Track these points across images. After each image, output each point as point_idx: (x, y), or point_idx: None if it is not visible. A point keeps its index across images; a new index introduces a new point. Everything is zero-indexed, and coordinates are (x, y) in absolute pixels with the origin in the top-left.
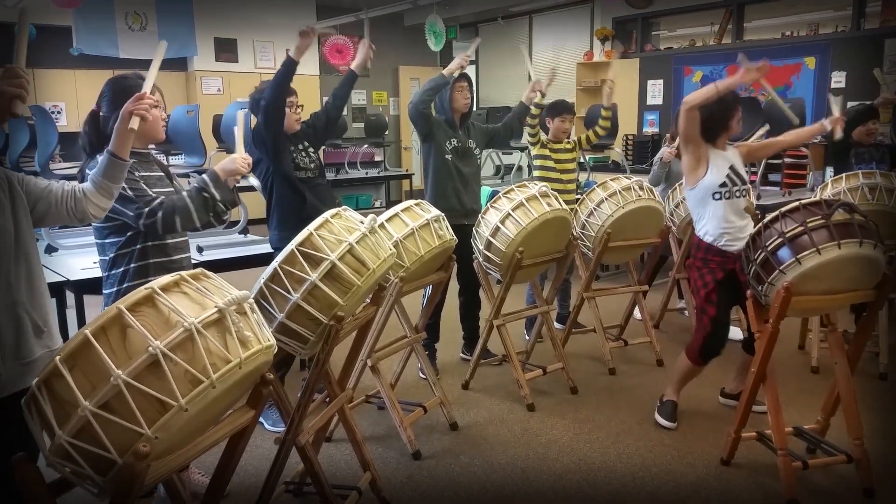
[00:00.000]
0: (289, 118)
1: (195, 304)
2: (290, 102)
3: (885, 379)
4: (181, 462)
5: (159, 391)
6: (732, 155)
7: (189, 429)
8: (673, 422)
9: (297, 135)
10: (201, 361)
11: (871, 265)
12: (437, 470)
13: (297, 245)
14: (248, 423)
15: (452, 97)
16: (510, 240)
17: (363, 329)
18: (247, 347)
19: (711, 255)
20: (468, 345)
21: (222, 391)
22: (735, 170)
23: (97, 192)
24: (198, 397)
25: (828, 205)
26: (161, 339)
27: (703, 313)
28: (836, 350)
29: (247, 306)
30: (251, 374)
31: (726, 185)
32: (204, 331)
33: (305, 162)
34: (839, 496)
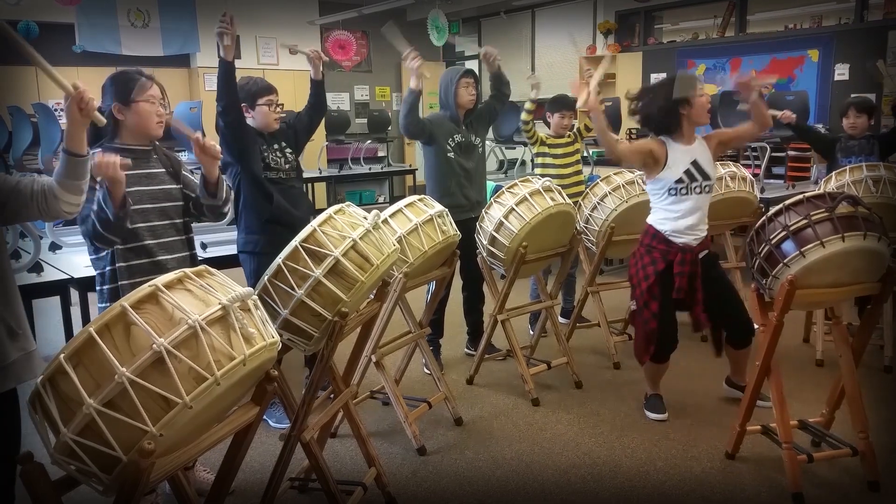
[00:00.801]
0: (267, 116)
1: (199, 301)
2: (269, 101)
3: (889, 372)
4: (186, 459)
5: (164, 388)
6: (700, 149)
7: (193, 426)
8: (663, 413)
9: (274, 134)
10: (205, 358)
11: (876, 258)
12: (442, 465)
13: (300, 241)
14: (252, 420)
15: (457, 93)
16: (514, 235)
17: (367, 325)
18: (251, 344)
19: (657, 242)
20: (472, 340)
21: (227, 388)
22: (698, 165)
23: (64, 190)
24: (202, 394)
25: (831, 198)
26: (165, 337)
27: (645, 308)
28: (840, 343)
29: (250, 303)
30: (255, 370)
31: (683, 181)
32: (208, 328)
33: (279, 162)
34: (844, 489)
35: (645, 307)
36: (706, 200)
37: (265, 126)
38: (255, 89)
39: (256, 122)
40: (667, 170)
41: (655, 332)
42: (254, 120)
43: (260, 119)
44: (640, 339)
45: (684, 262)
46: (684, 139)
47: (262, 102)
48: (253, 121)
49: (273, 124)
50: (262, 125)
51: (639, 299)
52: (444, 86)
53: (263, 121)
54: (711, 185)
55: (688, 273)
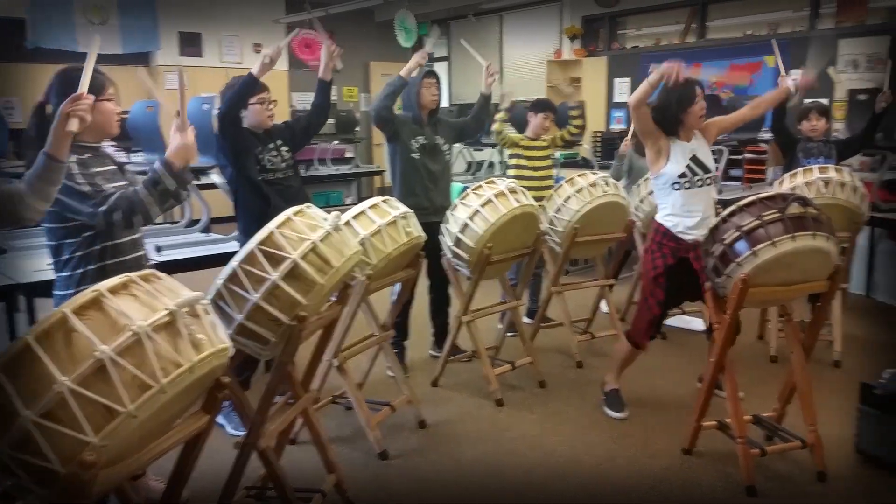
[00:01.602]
0: (260, 114)
1: (145, 307)
2: (261, 99)
3: (839, 366)
4: (132, 469)
5: (106, 398)
6: (698, 144)
7: (140, 435)
8: (623, 411)
9: (269, 133)
10: (150, 366)
11: (824, 256)
12: (404, 469)
13: (257, 244)
14: (203, 428)
15: (420, 93)
16: (478, 236)
17: (328, 328)
18: (199, 350)
19: (667, 239)
20: (438, 342)
21: (174, 396)
22: (698, 159)
23: (33, 194)
24: (147, 403)
25: (783, 199)
26: (108, 344)
27: (650, 296)
28: (792, 339)
29: (199, 308)
30: (205, 377)
31: (686, 175)
32: (154, 334)
33: (275, 162)
34: (795, 481)
35: (651, 295)
36: (709, 193)
37: (258, 124)
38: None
39: (249, 121)
40: (670, 164)
41: (659, 318)
42: (246, 119)
43: (252, 117)
44: (642, 325)
45: (699, 257)
46: (684, 135)
47: (254, 101)
48: (245, 120)
49: (266, 122)
50: (255, 123)
51: (645, 288)
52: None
53: (256, 119)
54: (712, 177)
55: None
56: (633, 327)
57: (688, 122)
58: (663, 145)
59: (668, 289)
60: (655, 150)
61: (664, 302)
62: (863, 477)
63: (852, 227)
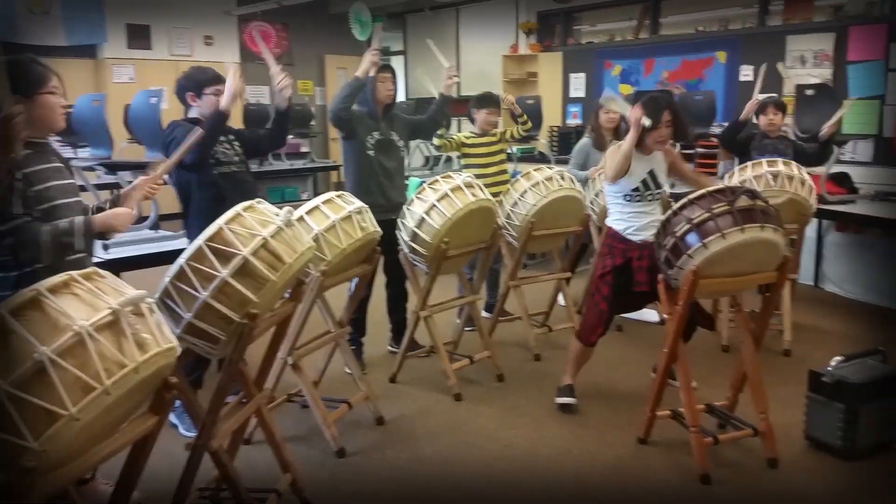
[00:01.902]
0: (214, 105)
1: (87, 306)
2: (216, 90)
3: (788, 355)
4: (77, 474)
5: (47, 400)
6: (657, 159)
7: (84, 438)
8: (571, 397)
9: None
10: (93, 367)
11: (773, 248)
12: (361, 466)
13: (205, 240)
14: (151, 430)
15: (375, 88)
16: (435, 230)
17: (281, 326)
18: (144, 350)
19: (616, 241)
20: (396, 337)
21: (119, 397)
22: (653, 175)
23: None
24: (91, 405)
25: (732, 192)
26: (48, 345)
27: (597, 292)
28: (742, 329)
29: (144, 307)
30: (151, 378)
31: (639, 189)
32: (96, 334)
33: (229, 155)
34: (746, 468)
35: (597, 291)
36: (659, 205)
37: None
38: (202, 78)
39: (202, 112)
40: (627, 177)
41: (606, 313)
42: (200, 109)
43: (207, 108)
44: (590, 321)
45: (642, 256)
46: (644, 150)
47: (210, 91)
48: (199, 109)
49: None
50: (209, 114)
51: (592, 286)
52: None
53: (210, 110)
54: (662, 193)
55: (646, 267)
56: (581, 326)
57: (647, 140)
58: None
59: (614, 286)
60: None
61: (610, 297)
62: (812, 463)
63: (800, 220)
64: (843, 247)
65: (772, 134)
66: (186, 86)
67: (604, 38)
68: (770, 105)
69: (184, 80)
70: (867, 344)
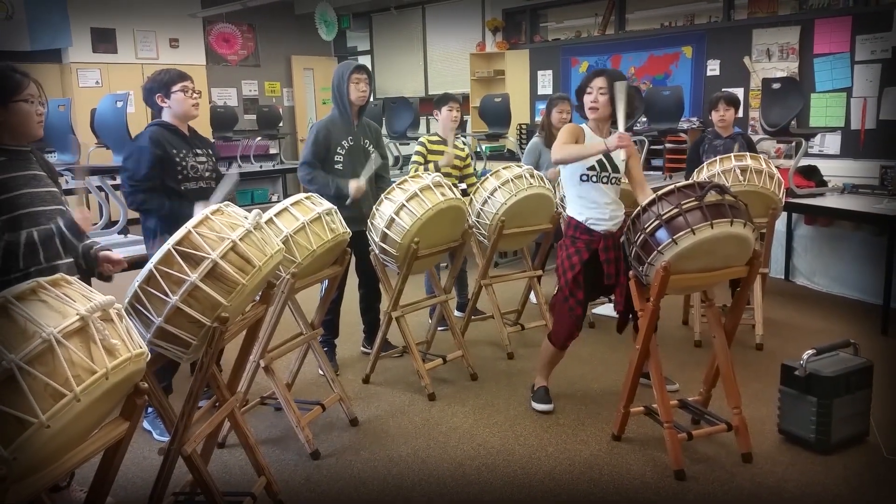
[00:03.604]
0: (184, 103)
1: (55, 313)
2: (184, 87)
3: (761, 349)
4: (49, 481)
5: (16, 408)
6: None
7: (55, 445)
8: (549, 404)
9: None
10: (63, 374)
11: (742, 243)
12: (336, 468)
13: (174, 244)
14: (122, 436)
15: (349, 89)
16: (405, 231)
17: (253, 329)
18: (114, 356)
19: (580, 233)
20: (369, 338)
21: (89, 404)
22: (609, 157)
23: None
24: (61, 412)
25: (700, 187)
26: (16, 352)
27: (571, 296)
28: (714, 324)
29: (113, 312)
30: (121, 383)
31: (594, 169)
32: (65, 341)
33: (198, 169)
34: (721, 463)
35: (571, 296)
36: (616, 191)
37: (184, 113)
38: (166, 78)
39: (174, 111)
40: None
41: (581, 318)
42: (170, 109)
43: (177, 107)
44: (564, 326)
45: (608, 248)
46: (597, 131)
47: (177, 89)
48: (169, 110)
49: (192, 111)
50: (181, 113)
51: (564, 288)
52: (335, 82)
53: (180, 108)
54: (619, 178)
55: (613, 259)
56: (554, 330)
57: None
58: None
59: (586, 286)
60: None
61: (584, 301)
62: (786, 457)
63: (769, 213)
64: (813, 240)
65: (723, 133)
66: (154, 88)
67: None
68: (721, 100)
69: (150, 83)
70: (839, 336)
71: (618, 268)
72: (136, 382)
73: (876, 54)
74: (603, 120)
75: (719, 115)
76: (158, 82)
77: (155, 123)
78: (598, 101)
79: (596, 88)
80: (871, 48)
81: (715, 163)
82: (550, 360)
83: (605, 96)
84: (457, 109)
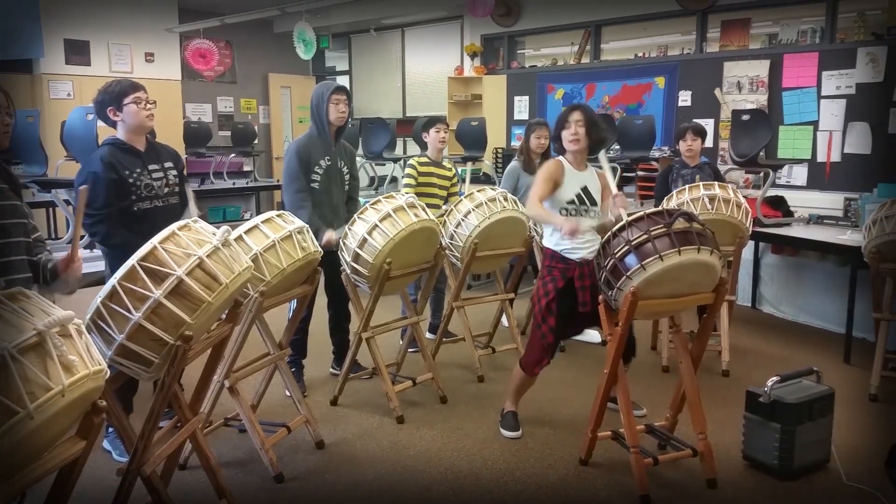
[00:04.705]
0: (137, 115)
1: (11, 327)
2: (136, 98)
3: (727, 375)
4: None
5: None
6: (590, 177)
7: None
8: (517, 431)
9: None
10: (16, 391)
11: (709, 270)
12: (300, 492)
13: (138, 260)
14: (78, 455)
15: (328, 109)
16: (378, 251)
17: (218, 348)
18: (71, 373)
19: (555, 262)
20: (338, 359)
21: (43, 421)
22: (588, 191)
23: None
24: (13, 430)
25: (669, 214)
26: None
27: (543, 323)
28: (680, 350)
29: (72, 328)
30: (78, 401)
31: (574, 203)
32: (20, 356)
33: (154, 187)
34: (686, 488)
35: (543, 322)
36: (594, 223)
37: (138, 125)
38: (118, 90)
39: (127, 125)
40: (561, 190)
41: (552, 345)
42: (124, 123)
43: (130, 119)
44: (535, 352)
45: (583, 275)
46: (575, 164)
47: (129, 101)
48: (123, 124)
49: (146, 122)
50: (135, 125)
51: (537, 315)
52: (315, 101)
53: (134, 120)
54: (598, 211)
55: (588, 286)
56: (525, 356)
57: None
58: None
59: (559, 315)
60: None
61: (556, 329)
62: (750, 482)
63: (736, 242)
64: (780, 269)
65: (691, 162)
66: (105, 101)
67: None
68: (689, 130)
69: (101, 96)
70: (803, 364)
71: (594, 295)
72: (95, 400)
73: (841, 90)
74: (581, 152)
75: (687, 144)
76: (110, 95)
77: (107, 143)
78: (578, 134)
79: (574, 122)
80: (836, 84)
81: (684, 191)
82: (520, 386)
83: (583, 129)
84: (444, 131)
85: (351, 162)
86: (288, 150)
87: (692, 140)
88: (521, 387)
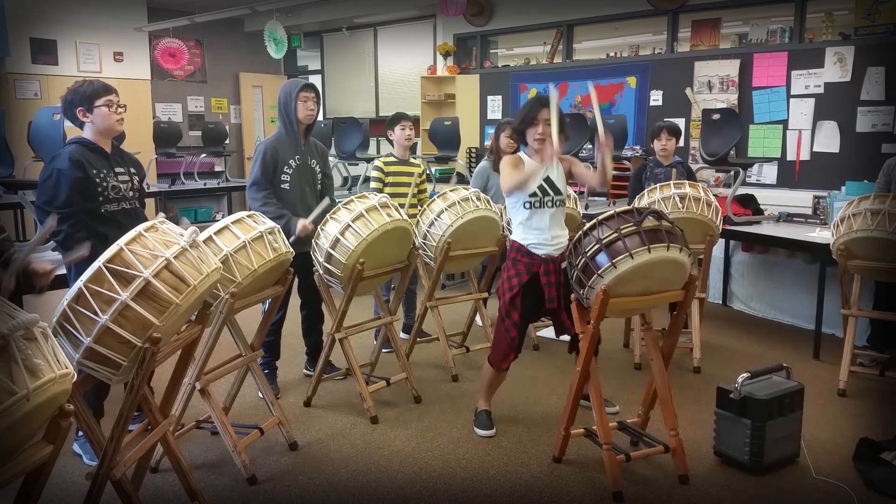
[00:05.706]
0: (107, 118)
1: None
2: (108, 101)
3: (698, 372)
4: None
5: None
6: (552, 166)
7: None
8: (490, 429)
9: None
10: None
11: (679, 267)
12: (273, 493)
13: (104, 262)
14: (46, 459)
15: (296, 107)
16: (350, 251)
17: (188, 350)
18: (36, 377)
19: (521, 255)
20: (311, 360)
21: (8, 426)
22: (551, 181)
23: None
24: None
25: (639, 213)
26: None
27: (507, 317)
28: (652, 347)
29: (37, 331)
30: (44, 405)
31: (536, 195)
32: None
33: (120, 189)
34: (658, 484)
35: (507, 317)
36: (560, 214)
37: (107, 128)
38: (90, 91)
39: (96, 127)
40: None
41: (516, 340)
42: (93, 125)
43: (100, 121)
44: (501, 348)
45: (549, 272)
46: (537, 156)
47: (101, 103)
48: (92, 126)
49: (116, 126)
50: (104, 128)
51: (501, 308)
52: (283, 99)
53: (104, 123)
54: (563, 199)
55: (554, 282)
56: (492, 352)
57: (528, 140)
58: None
59: (523, 309)
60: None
61: (520, 323)
62: (721, 478)
63: (707, 240)
64: (750, 266)
65: (664, 161)
66: (75, 101)
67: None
68: (664, 129)
69: (71, 95)
70: (773, 360)
71: (559, 292)
72: (62, 404)
73: (810, 89)
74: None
75: (661, 144)
76: (80, 95)
77: (74, 141)
78: (545, 133)
79: (542, 121)
80: (805, 83)
81: (655, 190)
82: (491, 383)
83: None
84: (409, 128)
85: (323, 160)
86: (256, 151)
87: (667, 139)
88: (492, 384)
